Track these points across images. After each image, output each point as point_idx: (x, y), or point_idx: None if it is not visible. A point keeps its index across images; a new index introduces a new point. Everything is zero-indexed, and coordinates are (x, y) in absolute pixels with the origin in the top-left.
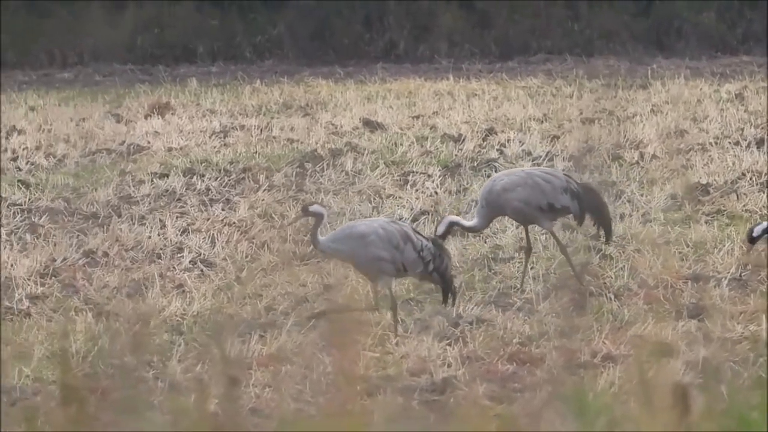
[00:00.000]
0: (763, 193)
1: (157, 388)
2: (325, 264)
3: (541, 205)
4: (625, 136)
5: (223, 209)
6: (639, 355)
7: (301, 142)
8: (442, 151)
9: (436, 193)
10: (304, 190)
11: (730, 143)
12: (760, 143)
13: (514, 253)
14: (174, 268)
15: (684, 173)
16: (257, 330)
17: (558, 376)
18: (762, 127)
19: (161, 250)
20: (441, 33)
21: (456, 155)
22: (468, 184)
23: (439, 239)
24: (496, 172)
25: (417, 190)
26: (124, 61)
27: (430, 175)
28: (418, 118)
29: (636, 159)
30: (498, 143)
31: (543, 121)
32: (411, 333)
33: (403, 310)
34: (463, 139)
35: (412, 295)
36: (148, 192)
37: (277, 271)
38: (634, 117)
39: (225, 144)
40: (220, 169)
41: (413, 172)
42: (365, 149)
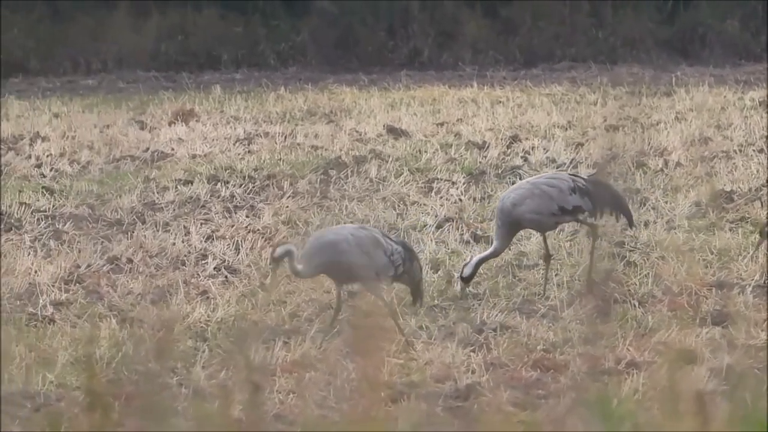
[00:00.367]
0: None
1: (181, 394)
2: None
3: (553, 211)
4: (649, 143)
5: (247, 216)
6: (663, 362)
7: (326, 149)
8: (467, 158)
9: (461, 200)
10: (328, 197)
11: (754, 151)
12: None
13: (539, 260)
14: (198, 274)
15: (708, 181)
16: (281, 336)
17: (582, 383)
18: None
19: (185, 256)
20: (465, 40)
21: (480, 162)
22: (492, 191)
23: (465, 282)
24: (520, 179)
25: (441, 197)
26: (148, 68)
27: (454, 183)
28: (442, 125)
29: (660, 166)
30: (522, 150)
31: (567, 129)
32: (435, 339)
33: (428, 317)
34: (488, 147)
35: (436, 302)
36: (172, 199)
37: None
38: (658, 124)
39: (249, 151)
40: (245, 176)
41: (437, 179)
42: (389, 156)
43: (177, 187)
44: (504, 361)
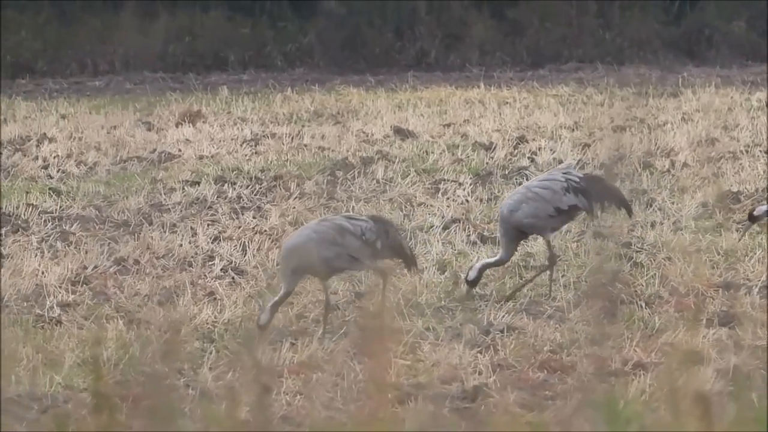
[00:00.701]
0: None
1: (189, 395)
2: (356, 272)
3: (550, 213)
4: (656, 144)
5: (254, 217)
6: (670, 363)
7: (332, 150)
8: (473, 159)
9: (467, 201)
10: (335, 198)
11: (761, 151)
12: None
13: (545, 261)
14: (205, 275)
15: (715, 181)
16: (288, 338)
17: (589, 384)
18: None
19: (192, 257)
20: (472, 41)
21: (487, 163)
22: (499, 192)
23: (470, 285)
24: (527, 180)
25: (448, 198)
26: (155, 69)
27: (461, 183)
28: (449, 126)
29: (667, 167)
30: (529, 151)
31: (574, 129)
32: (442, 341)
33: (434, 318)
34: (494, 147)
35: (443, 302)
36: (179, 200)
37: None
38: (664, 125)
39: (256, 152)
40: (251, 177)
41: (444, 180)
42: (396, 157)
43: (184, 188)
44: (511, 363)
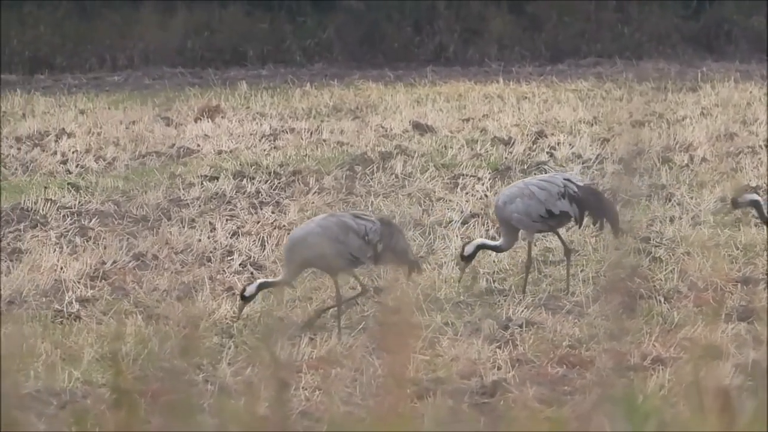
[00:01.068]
0: None
1: (207, 391)
2: (375, 267)
3: (541, 213)
4: (674, 139)
5: (273, 212)
6: (689, 358)
7: (351, 145)
8: (492, 154)
9: (486, 196)
10: (354, 193)
11: None
12: None
13: (564, 256)
14: (224, 271)
15: (733, 176)
16: (307, 333)
17: (608, 379)
18: None
19: (211, 253)
20: (491, 36)
21: (506, 158)
22: None
23: (465, 261)
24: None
25: (467, 193)
26: (174, 64)
27: (480, 178)
28: (468, 120)
29: (686, 162)
30: (548, 146)
31: (593, 124)
32: (461, 336)
33: (453, 313)
34: (513, 142)
35: (461, 298)
36: (197, 195)
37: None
38: (683, 120)
39: (275, 147)
40: (270, 172)
41: (463, 174)
42: (415, 152)
43: (203, 183)
44: (530, 358)
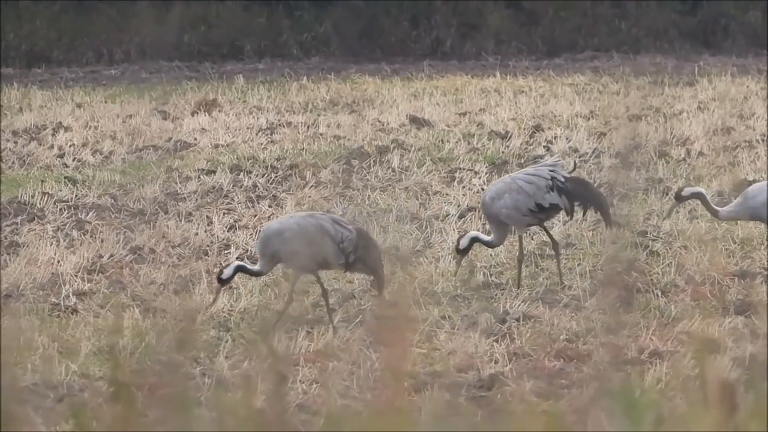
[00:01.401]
0: None
1: (204, 384)
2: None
3: (530, 207)
4: (671, 133)
5: (269, 206)
6: (686, 351)
7: (348, 139)
8: (489, 148)
9: (483, 190)
10: (350, 186)
11: None
12: None
13: (561, 250)
14: (221, 264)
15: (731, 170)
16: (304, 326)
17: (605, 373)
18: None
19: (208, 246)
20: (488, 30)
21: (503, 152)
22: None
23: (460, 254)
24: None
25: (464, 187)
26: (171, 58)
27: (476, 172)
28: (464, 115)
29: (683, 156)
30: (545, 140)
31: (590, 118)
32: (458, 329)
33: (451, 307)
34: (510, 136)
35: (459, 291)
36: (194, 188)
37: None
38: (680, 114)
39: (272, 141)
40: (267, 166)
41: (460, 168)
42: (412, 146)
43: (200, 177)
44: (527, 351)
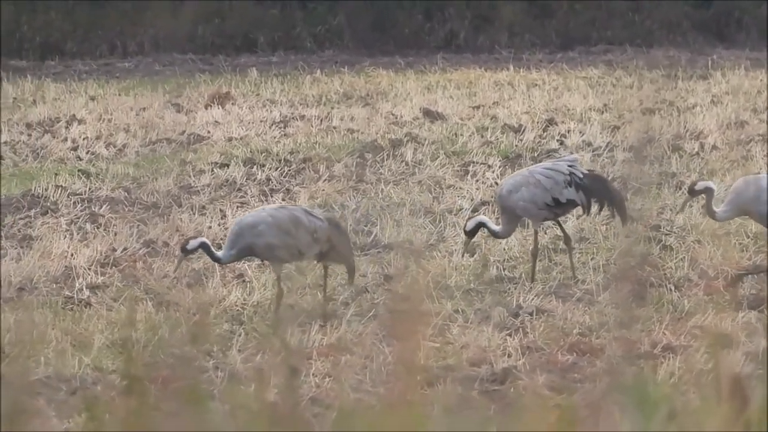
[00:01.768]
0: None
1: (217, 377)
2: (385, 254)
3: (547, 201)
4: (685, 126)
5: (283, 199)
6: (699, 346)
7: (362, 132)
8: (503, 141)
9: (497, 183)
10: (364, 180)
11: None
12: None
13: (575, 244)
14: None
15: (744, 164)
16: (317, 320)
17: (618, 367)
18: None
19: (221, 239)
20: (501, 23)
21: (516, 146)
22: None
23: (467, 236)
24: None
25: (477, 181)
26: (185, 50)
27: (490, 166)
28: (478, 108)
29: (696, 150)
30: (558, 134)
31: (603, 112)
32: (471, 323)
33: (464, 301)
34: (524, 130)
35: (472, 285)
36: (208, 182)
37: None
38: (694, 108)
39: (285, 134)
40: (281, 159)
41: (473, 162)
42: (425, 139)
43: (213, 170)
44: (540, 345)
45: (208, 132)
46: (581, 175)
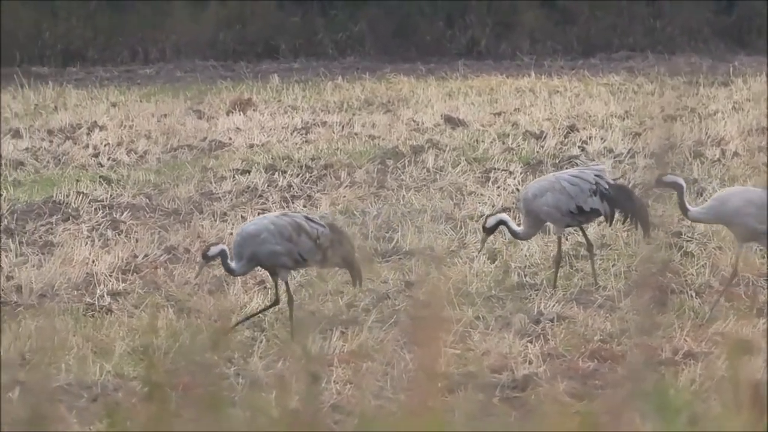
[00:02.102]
0: None
1: (238, 384)
2: (406, 261)
3: (571, 209)
4: (706, 133)
5: (304, 206)
6: (720, 352)
7: (383, 139)
8: (524, 148)
9: (518, 190)
10: (385, 186)
11: None
12: None
13: (596, 251)
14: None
15: (765, 170)
16: (338, 327)
17: (639, 374)
18: None
19: None
20: (523, 30)
21: (537, 152)
22: None
23: (486, 233)
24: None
25: (498, 187)
26: (206, 57)
27: (511, 172)
28: (499, 114)
29: (717, 156)
30: (579, 140)
31: (625, 118)
32: (492, 330)
33: (485, 307)
34: (545, 136)
35: (493, 292)
36: (229, 188)
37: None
38: (715, 114)
39: (306, 140)
40: (302, 166)
41: (495, 169)
42: (447, 146)
43: (234, 177)
44: (561, 352)
45: (230, 138)
46: (607, 186)
